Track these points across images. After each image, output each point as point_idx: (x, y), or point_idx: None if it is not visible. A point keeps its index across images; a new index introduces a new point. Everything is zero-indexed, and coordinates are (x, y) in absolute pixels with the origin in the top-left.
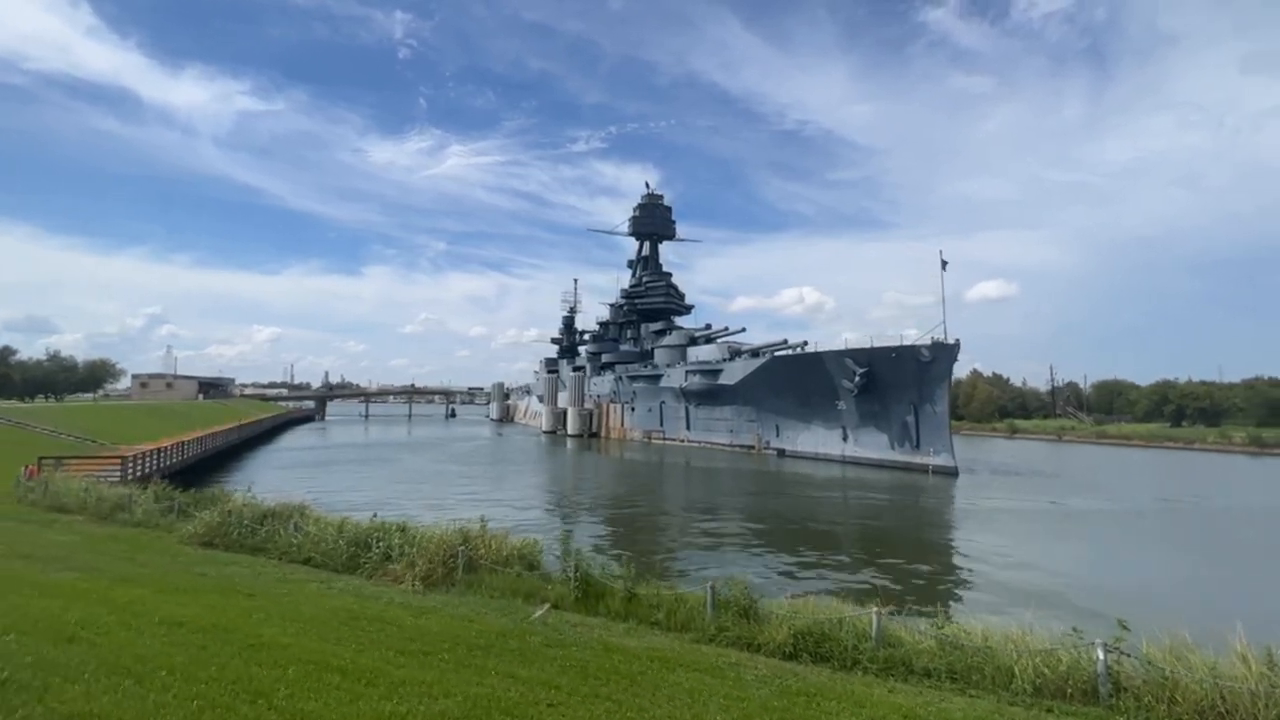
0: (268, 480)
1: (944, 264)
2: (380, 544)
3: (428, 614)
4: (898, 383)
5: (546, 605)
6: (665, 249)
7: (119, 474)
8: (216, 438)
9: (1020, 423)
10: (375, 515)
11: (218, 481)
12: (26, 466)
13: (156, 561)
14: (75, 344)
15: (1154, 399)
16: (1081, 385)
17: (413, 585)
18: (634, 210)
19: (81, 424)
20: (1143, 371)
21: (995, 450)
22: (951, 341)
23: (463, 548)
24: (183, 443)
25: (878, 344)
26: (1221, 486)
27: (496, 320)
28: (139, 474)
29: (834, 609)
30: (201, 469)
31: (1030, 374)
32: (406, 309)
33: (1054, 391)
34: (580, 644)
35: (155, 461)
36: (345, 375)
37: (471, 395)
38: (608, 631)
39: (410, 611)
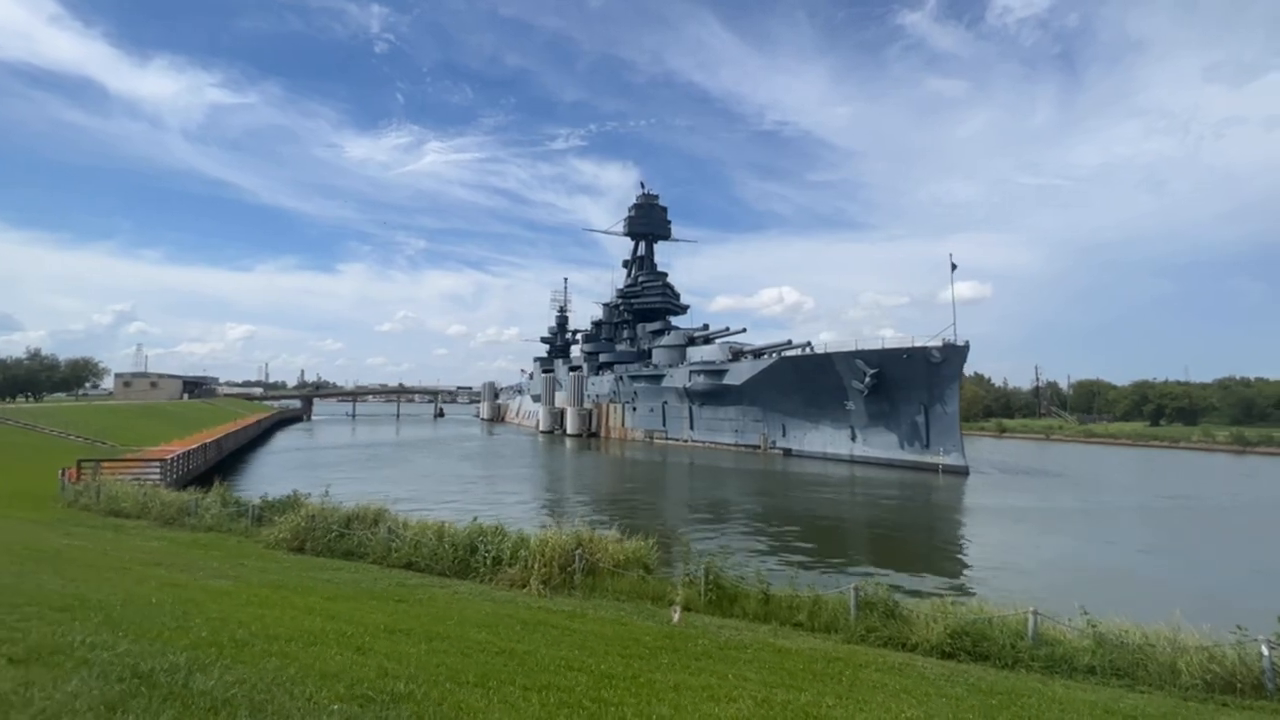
0: (288, 482)
1: (954, 267)
2: (489, 548)
3: (579, 618)
4: (907, 383)
5: (678, 608)
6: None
7: (159, 477)
8: (229, 439)
9: (1008, 422)
10: (475, 519)
11: (233, 483)
12: (65, 470)
13: (272, 567)
14: (40, 341)
15: (1134, 399)
16: (1061, 385)
17: (538, 589)
18: (629, 210)
19: (87, 425)
20: (1110, 371)
21: (989, 450)
22: (961, 343)
23: (579, 551)
24: (205, 444)
25: (889, 345)
26: (1224, 484)
27: (475, 319)
28: (176, 476)
29: (976, 609)
30: (217, 471)
31: (1007, 373)
32: (383, 307)
33: (1039, 391)
34: (749, 645)
35: (186, 464)
36: (321, 374)
37: (453, 395)
38: (755, 633)
39: (563, 615)
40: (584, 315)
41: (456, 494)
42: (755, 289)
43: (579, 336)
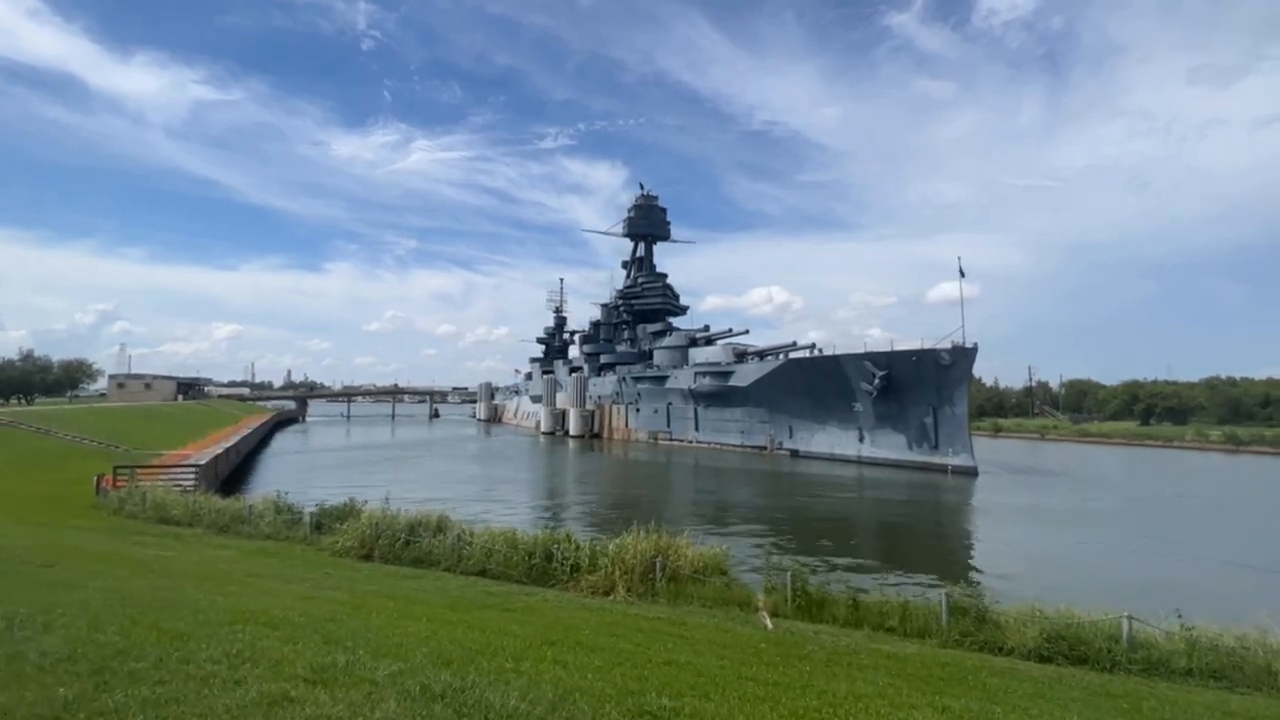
0: (304, 485)
1: (961, 273)
2: (565, 556)
3: (683, 625)
4: (916, 385)
5: (764, 613)
6: (626, 244)
7: (194, 482)
8: (244, 443)
9: (1003, 422)
10: (547, 528)
11: (244, 487)
12: (101, 476)
13: (361, 577)
14: (21, 340)
15: (1124, 398)
16: (1051, 385)
17: (625, 596)
18: (629, 211)
19: (98, 429)
20: (1095, 369)
21: (987, 449)
22: (970, 345)
23: (659, 559)
24: (228, 449)
25: (898, 347)
26: (1228, 483)
27: (464, 318)
28: (208, 481)
29: (1065, 613)
30: (235, 475)
31: (996, 372)
32: (372, 306)
33: (1032, 391)
34: (859, 651)
35: (215, 469)
36: (309, 374)
37: (444, 396)
38: (852, 638)
39: (667, 623)
40: (576, 315)
41: (478, 496)
42: (745, 288)
43: (575, 337)
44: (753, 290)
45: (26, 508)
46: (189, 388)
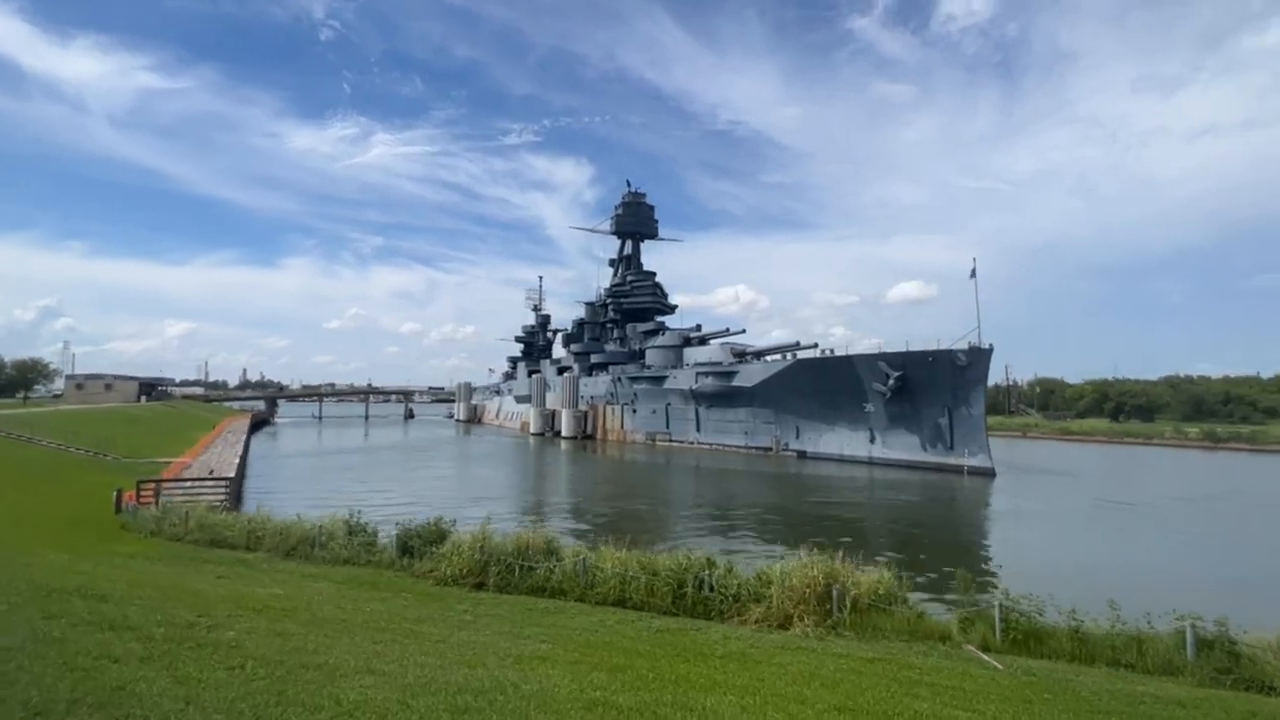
0: (313, 493)
1: (974, 271)
2: (723, 584)
3: (908, 667)
4: (930, 385)
5: (975, 649)
6: (592, 242)
7: (225, 497)
8: (240, 449)
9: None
10: (685, 550)
11: (241, 499)
12: (122, 492)
13: (498, 612)
14: None
15: (1094, 396)
16: (1020, 383)
17: (813, 631)
18: (616, 209)
19: (81, 436)
20: (1049, 368)
21: None
22: (986, 346)
23: (837, 586)
24: (241, 459)
25: (913, 348)
26: (1238, 480)
27: (426, 316)
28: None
29: None
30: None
31: None
32: (331, 304)
33: (1008, 390)
34: (1141, 699)
35: (238, 480)
36: (265, 373)
37: (409, 395)
38: (1094, 678)
39: (891, 665)
40: (567, 316)
41: (498, 503)
42: (708, 287)
43: (558, 336)
44: (719, 289)
45: (56, 531)
46: (152, 388)
